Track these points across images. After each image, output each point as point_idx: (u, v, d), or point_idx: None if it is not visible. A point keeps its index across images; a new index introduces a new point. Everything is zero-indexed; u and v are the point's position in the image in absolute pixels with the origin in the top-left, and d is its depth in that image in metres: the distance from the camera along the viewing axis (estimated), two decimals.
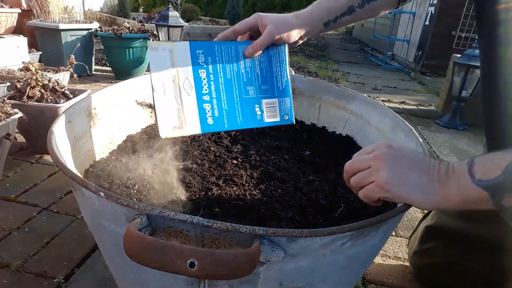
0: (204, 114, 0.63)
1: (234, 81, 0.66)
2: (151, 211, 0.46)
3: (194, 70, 0.62)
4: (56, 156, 0.58)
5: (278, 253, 0.46)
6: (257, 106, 0.68)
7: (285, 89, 0.70)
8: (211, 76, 0.64)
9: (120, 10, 6.67)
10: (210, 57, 0.64)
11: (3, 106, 1.27)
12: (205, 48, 0.63)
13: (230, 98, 0.66)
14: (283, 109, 0.70)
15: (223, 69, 0.65)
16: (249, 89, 0.67)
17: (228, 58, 0.65)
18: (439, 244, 0.93)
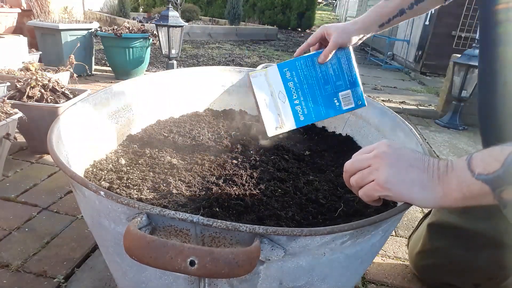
0: (297, 114, 0.86)
1: (315, 84, 0.86)
2: (151, 210, 0.46)
3: (284, 84, 0.85)
4: (56, 155, 0.58)
5: (278, 252, 0.46)
6: (335, 99, 0.86)
7: (355, 81, 0.87)
8: (297, 85, 0.85)
9: (120, 10, 6.67)
10: (294, 71, 0.85)
11: (3, 106, 1.27)
12: (289, 66, 0.85)
13: (314, 98, 0.86)
14: (356, 97, 0.87)
15: (305, 77, 0.85)
16: (327, 87, 0.86)
17: (307, 68, 0.85)
18: (444, 244, 0.93)
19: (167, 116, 1.24)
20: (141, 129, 1.13)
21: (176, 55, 2.92)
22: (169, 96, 1.25)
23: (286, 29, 8.70)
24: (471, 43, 3.84)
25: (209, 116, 1.31)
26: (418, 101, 3.37)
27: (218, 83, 1.38)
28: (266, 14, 8.63)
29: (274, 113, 0.85)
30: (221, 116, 1.34)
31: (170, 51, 2.87)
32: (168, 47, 2.84)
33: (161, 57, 4.30)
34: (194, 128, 1.18)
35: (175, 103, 1.27)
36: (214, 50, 5.26)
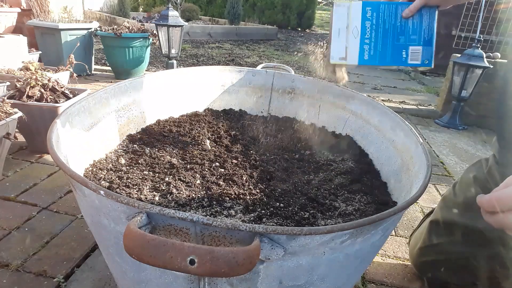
0: (363, 52, 0.87)
1: (390, 31, 0.87)
2: (151, 209, 0.46)
3: (362, 21, 0.87)
4: (56, 155, 0.58)
5: (278, 251, 0.46)
6: (404, 50, 0.88)
7: (431, 40, 0.88)
8: (374, 27, 0.87)
9: (120, 9, 6.66)
10: (376, 13, 0.87)
11: (3, 106, 1.27)
12: (373, 6, 0.87)
13: (385, 43, 0.87)
14: (425, 55, 0.88)
15: (384, 22, 0.87)
16: (401, 38, 0.87)
17: (389, 14, 0.87)
18: (445, 240, 0.93)
19: (167, 116, 1.24)
20: (141, 129, 1.13)
21: (176, 54, 2.92)
22: (169, 96, 1.24)
23: (286, 29, 8.70)
24: (471, 43, 3.84)
25: (209, 116, 1.31)
26: (418, 101, 3.37)
27: (218, 83, 1.38)
28: (266, 13, 8.62)
29: (342, 44, 0.87)
30: (221, 116, 1.34)
31: (170, 51, 2.87)
32: (168, 47, 2.84)
33: (161, 56, 4.30)
34: (194, 128, 1.18)
35: (175, 102, 1.27)
36: (214, 49, 5.25)
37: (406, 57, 0.88)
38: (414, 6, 0.85)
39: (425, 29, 0.88)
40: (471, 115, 2.81)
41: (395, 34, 0.88)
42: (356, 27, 0.87)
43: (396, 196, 0.86)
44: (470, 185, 0.91)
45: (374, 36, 0.87)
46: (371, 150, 1.09)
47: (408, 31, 0.88)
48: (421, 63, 0.88)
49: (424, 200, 1.56)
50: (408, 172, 0.83)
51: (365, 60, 0.88)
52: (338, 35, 0.87)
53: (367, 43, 0.87)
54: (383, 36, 0.88)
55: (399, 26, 0.88)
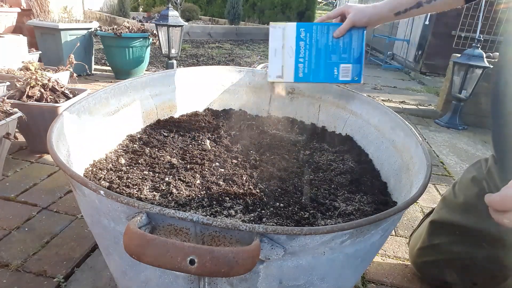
0: (298, 70, 0.95)
1: (323, 50, 0.94)
2: (151, 209, 0.46)
3: (297, 41, 0.94)
4: (56, 155, 0.58)
5: (278, 251, 0.46)
6: (336, 68, 0.95)
7: (359, 59, 0.95)
8: (307, 46, 0.94)
9: (120, 9, 6.66)
10: (309, 33, 0.93)
11: (3, 106, 1.27)
12: (307, 27, 0.94)
13: (318, 61, 0.94)
14: (354, 72, 0.95)
15: (316, 42, 0.94)
16: (332, 56, 0.94)
17: (321, 34, 0.94)
18: (445, 240, 0.93)
19: (166, 115, 1.24)
20: (141, 128, 1.13)
21: (176, 54, 2.92)
22: (168, 96, 1.24)
23: None
24: (471, 43, 3.84)
25: (209, 116, 1.31)
26: (418, 101, 3.37)
27: (218, 82, 1.38)
28: (266, 13, 8.62)
29: (279, 63, 0.94)
30: (221, 116, 1.34)
31: (170, 51, 2.87)
32: (168, 47, 2.84)
33: (161, 56, 4.30)
34: (194, 128, 1.18)
35: (174, 102, 1.27)
36: (214, 49, 5.25)
37: (337, 74, 0.95)
38: (343, 27, 0.92)
39: (354, 48, 0.94)
40: (471, 115, 2.81)
41: (328, 53, 0.94)
42: (291, 47, 0.94)
43: (396, 196, 0.86)
44: (469, 186, 0.91)
45: (308, 55, 0.94)
46: (371, 150, 1.09)
47: (339, 50, 0.94)
48: (351, 79, 0.95)
49: (424, 200, 1.56)
50: (408, 172, 0.83)
51: (300, 78, 0.95)
52: (274, 55, 0.94)
53: (302, 62, 0.94)
54: (316, 55, 0.94)
55: (331, 45, 0.94)
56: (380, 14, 0.91)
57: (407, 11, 0.89)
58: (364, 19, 0.91)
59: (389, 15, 0.91)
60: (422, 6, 0.88)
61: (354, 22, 0.91)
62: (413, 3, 0.88)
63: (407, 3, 0.89)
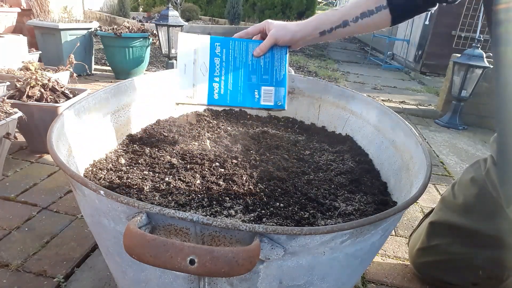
0: (212, 91, 0.81)
1: (241, 69, 0.82)
2: (151, 209, 0.46)
3: (211, 57, 0.81)
4: (56, 155, 0.58)
5: (278, 251, 0.46)
6: (257, 91, 0.83)
7: (282, 81, 0.85)
8: (223, 64, 0.82)
9: (120, 9, 6.66)
10: (225, 49, 0.82)
11: (3, 106, 1.27)
12: (222, 42, 0.83)
13: (236, 82, 0.82)
14: (277, 96, 0.85)
15: (234, 59, 0.82)
16: (252, 77, 0.83)
17: (240, 51, 0.82)
18: (444, 241, 0.93)
19: (166, 115, 1.24)
20: (141, 128, 1.13)
21: (176, 54, 2.92)
22: (168, 96, 1.24)
23: None
24: (471, 42, 3.84)
25: (209, 116, 1.31)
26: (418, 101, 3.37)
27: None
28: (266, 13, 8.62)
29: (189, 81, 0.80)
30: (221, 116, 1.34)
31: (170, 51, 2.87)
32: (168, 47, 2.84)
33: (161, 56, 4.30)
34: (194, 128, 1.18)
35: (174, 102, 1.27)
36: None
37: (258, 98, 0.84)
38: (264, 45, 0.83)
39: (276, 69, 0.84)
40: (471, 115, 2.81)
41: (247, 73, 0.83)
42: (204, 63, 0.81)
43: (396, 196, 0.86)
44: (468, 186, 0.91)
45: (224, 74, 0.82)
46: (371, 150, 1.09)
47: (260, 70, 0.84)
48: (274, 104, 0.85)
49: (424, 200, 1.56)
50: (408, 172, 0.83)
51: (215, 100, 0.81)
52: (184, 71, 0.81)
53: (217, 81, 0.81)
54: (234, 75, 0.82)
55: (251, 64, 0.83)
56: (304, 32, 0.83)
57: (333, 31, 0.83)
58: (287, 36, 0.83)
59: (313, 34, 0.84)
60: (348, 25, 0.82)
61: (276, 39, 0.83)
62: (339, 22, 0.82)
63: (333, 22, 0.82)
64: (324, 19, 0.83)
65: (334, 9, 0.84)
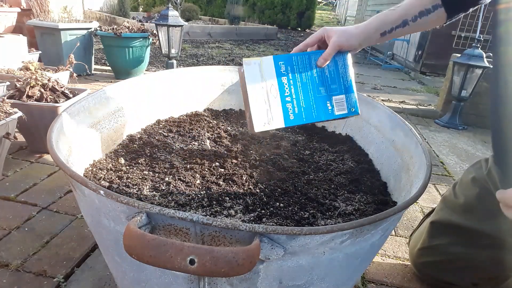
0: (287, 112, 0.80)
1: (309, 84, 0.81)
2: (151, 209, 0.46)
3: (278, 78, 0.79)
4: (56, 154, 0.58)
5: (278, 251, 0.46)
6: (329, 102, 0.82)
7: (350, 87, 0.84)
8: (291, 82, 0.80)
9: (120, 9, 6.66)
10: (290, 66, 0.80)
11: (3, 106, 1.27)
12: (285, 60, 0.80)
13: (307, 97, 0.81)
14: (349, 103, 0.84)
15: (300, 75, 0.81)
16: (321, 89, 0.82)
17: (303, 66, 0.81)
18: (445, 241, 0.93)
19: (167, 116, 1.24)
20: (141, 129, 1.13)
21: (175, 54, 2.92)
22: (169, 96, 1.24)
23: (285, 29, 8.70)
24: (471, 43, 3.84)
25: (209, 115, 1.31)
26: (418, 101, 3.37)
27: (217, 82, 1.38)
28: (266, 13, 8.63)
29: (263, 107, 0.78)
30: (221, 116, 1.34)
31: (170, 51, 2.87)
32: (168, 47, 2.84)
33: (160, 56, 4.30)
34: (194, 128, 1.18)
35: (174, 102, 1.27)
36: (213, 49, 5.25)
37: (332, 109, 0.82)
38: (327, 54, 0.81)
39: (342, 76, 0.83)
40: (471, 115, 2.81)
41: (315, 86, 0.81)
42: (273, 85, 0.79)
43: (396, 196, 0.86)
44: (470, 186, 0.91)
45: (295, 92, 0.80)
46: (371, 150, 1.09)
47: (327, 80, 0.82)
48: (348, 111, 0.84)
49: (424, 200, 1.56)
50: (408, 172, 0.83)
51: (292, 121, 0.80)
52: (256, 100, 0.78)
53: (289, 101, 0.80)
54: (304, 91, 0.81)
55: (317, 77, 0.82)
56: (365, 34, 0.82)
57: (393, 31, 0.82)
58: (351, 41, 0.81)
59: (375, 35, 0.83)
60: (408, 24, 0.81)
61: (340, 46, 0.81)
62: (399, 22, 0.81)
63: (393, 22, 0.81)
64: (384, 20, 0.82)
65: (391, 9, 0.83)
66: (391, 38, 0.84)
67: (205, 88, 1.36)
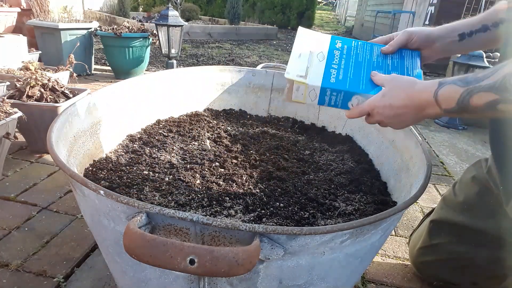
0: (329, 75, 0.72)
1: (364, 64, 0.74)
2: (151, 209, 0.46)
3: (330, 49, 0.75)
4: (56, 154, 0.58)
5: (278, 251, 0.46)
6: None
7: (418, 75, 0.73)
8: (343, 56, 0.75)
9: (120, 9, 6.66)
10: (347, 45, 0.76)
11: (3, 105, 1.27)
12: (344, 40, 0.77)
13: (358, 72, 0.72)
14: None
15: (356, 55, 0.75)
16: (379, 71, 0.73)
17: (363, 50, 0.76)
18: (445, 240, 0.93)
19: (166, 115, 1.24)
20: (141, 128, 1.13)
21: (176, 54, 2.92)
22: (169, 96, 1.24)
23: (286, 29, 8.70)
24: None
25: (209, 115, 1.31)
26: None
27: (218, 82, 1.38)
28: (266, 13, 8.63)
29: (303, 64, 0.72)
30: (221, 116, 1.34)
31: (170, 51, 2.87)
32: (168, 47, 2.84)
33: (160, 56, 4.30)
34: (194, 128, 1.18)
35: (174, 102, 1.27)
36: (214, 49, 5.25)
37: None
38: (395, 42, 0.76)
39: (408, 67, 0.74)
40: None
41: (371, 67, 0.73)
42: (322, 53, 0.74)
43: (396, 196, 0.86)
44: (470, 185, 0.91)
45: (344, 64, 0.73)
46: (371, 150, 1.09)
47: (387, 67, 0.74)
48: None
49: (424, 200, 1.56)
50: (408, 172, 0.83)
51: (331, 83, 0.70)
52: (298, 57, 0.73)
53: (336, 68, 0.72)
54: (356, 67, 0.73)
55: (376, 62, 0.74)
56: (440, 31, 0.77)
57: (473, 34, 0.76)
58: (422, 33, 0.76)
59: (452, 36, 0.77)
60: (489, 29, 0.75)
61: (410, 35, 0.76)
62: (478, 26, 0.76)
63: (473, 25, 0.76)
64: (462, 22, 0.78)
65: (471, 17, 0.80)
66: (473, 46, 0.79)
67: (205, 88, 1.36)
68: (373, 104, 0.66)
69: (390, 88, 0.65)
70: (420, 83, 0.63)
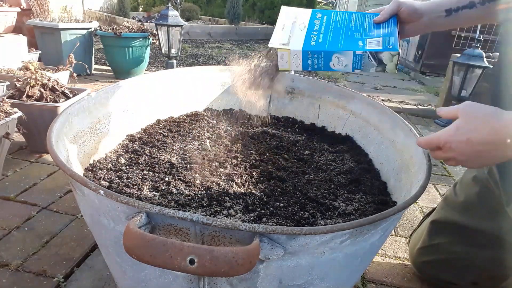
0: (309, 40, 0.77)
1: (343, 28, 0.79)
2: (151, 209, 0.46)
3: (311, 19, 0.82)
4: (56, 154, 0.58)
5: (278, 251, 0.46)
6: (361, 41, 0.76)
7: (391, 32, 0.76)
8: (323, 24, 0.81)
9: (120, 9, 6.67)
10: (327, 16, 0.82)
11: (3, 105, 1.27)
12: (324, 11, 0.83)
13: (336, 35, 0.78)
14: (386, 42, 0.75)
15: (335, 22, 0.81)
16: (356, 34, 0.78)
17: (342, 17, 0.81)
18: (445, 240, 0.93)
19: (166, 115, 1.24)
20: (141, 128, 1.13)
21: (175, 54, 2.92)
22: (169, 96, 1.24)
23: None
24: (471, 42, 3.84)
25: (209, 115, 1.31)
26: (418, 101, 3.37)
27: (217, 82, 1.38)
28: (266, 13, 8.62)
29: (286, 34, 0.79)
30: (221, 116, 1.34)
31: (170, 51, 2.87)
32: (168, 47, 2.84)
33: (160, 56, 4.30)
34: (194, 128, 1.18)
35: (174, 102, 1.27)
36: (213, 49, 5.25)
37: (363, 46, 0.75)
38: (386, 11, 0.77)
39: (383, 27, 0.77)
40: None
41: (349, 32, 0.78)
42: (303, 23, 0.81)
43: (395, 196, 0.86)
44: (470, 185, 0.91)
45: (324, 31, 0.78)
46: (371, 150, 1.09)
47: (365, 30, 0.78)
48: (384, 47, 0.74)
49: (424, 200, 1.56)
50: (408, 172, 0.83)
51: (311, 46, 0.75)
52: (282, 29, 0.80)
53: (315, 34, 0.78)
54: (335, 32, 0.78)
55: (354, 26, 0.79)
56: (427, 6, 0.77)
57: (459, 10, 0.76)
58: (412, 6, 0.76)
59: (438, 11, 0.77)
60: (475, 6, 0.75)
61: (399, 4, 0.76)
62: (465, 2, 0.75)
63: (458, 1, 0.76)
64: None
65: None
66: (460, 23, 0.79)
67: (205, 88, 1.36)
68: (445, 138, 0.58)
69: (467, 120, 0.57)
70: (508, 113, 0.54)
